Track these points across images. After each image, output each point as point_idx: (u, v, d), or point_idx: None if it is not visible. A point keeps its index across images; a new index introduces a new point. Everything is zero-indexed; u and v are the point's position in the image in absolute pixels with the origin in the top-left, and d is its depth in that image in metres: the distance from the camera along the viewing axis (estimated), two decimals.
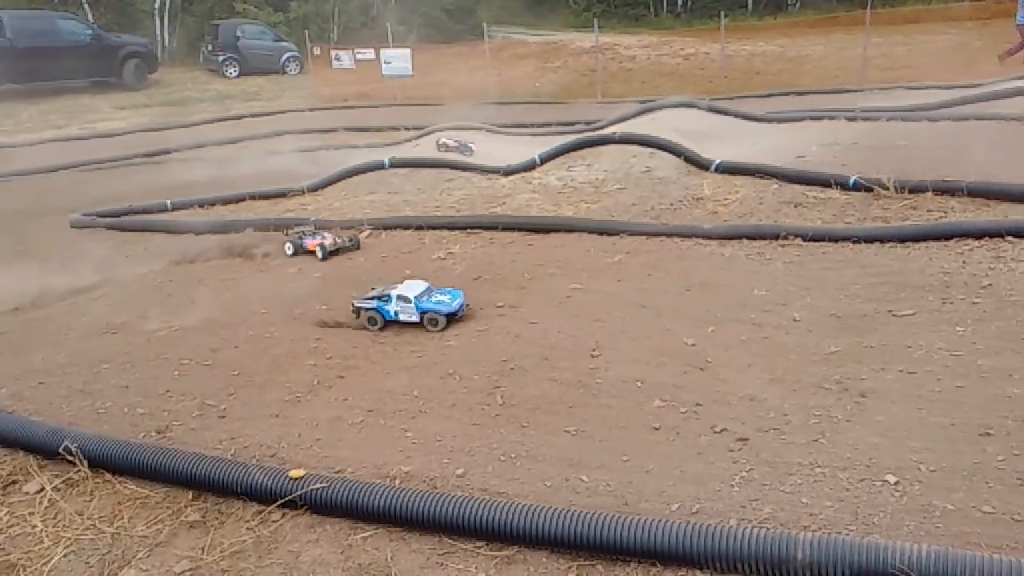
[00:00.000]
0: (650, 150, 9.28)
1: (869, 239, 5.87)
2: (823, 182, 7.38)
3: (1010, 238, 5.52)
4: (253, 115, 18.74)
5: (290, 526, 3.35)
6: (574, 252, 6.42)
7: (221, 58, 28.24)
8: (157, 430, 4.18)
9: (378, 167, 10.06)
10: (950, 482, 3.13)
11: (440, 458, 3.69)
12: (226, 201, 9.44)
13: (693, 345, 4.61)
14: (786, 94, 15.76)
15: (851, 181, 7.16)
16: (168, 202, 9.35)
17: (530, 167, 9.71)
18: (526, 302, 5.42)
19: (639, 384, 4.20)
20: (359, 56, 23.52)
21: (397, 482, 3.51)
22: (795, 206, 7.11)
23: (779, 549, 2.56)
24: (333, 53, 24.57)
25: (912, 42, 23.03)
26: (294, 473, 3.43)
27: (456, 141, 11.93)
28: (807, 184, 7.55)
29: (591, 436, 3.78)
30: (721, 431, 3.71)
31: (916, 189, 6.76)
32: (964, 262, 5.30)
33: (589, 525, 2.82)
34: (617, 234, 6.62)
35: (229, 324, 5.56)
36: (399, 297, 5.23)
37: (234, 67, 28.28)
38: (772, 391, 4.04)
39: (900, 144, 9.00)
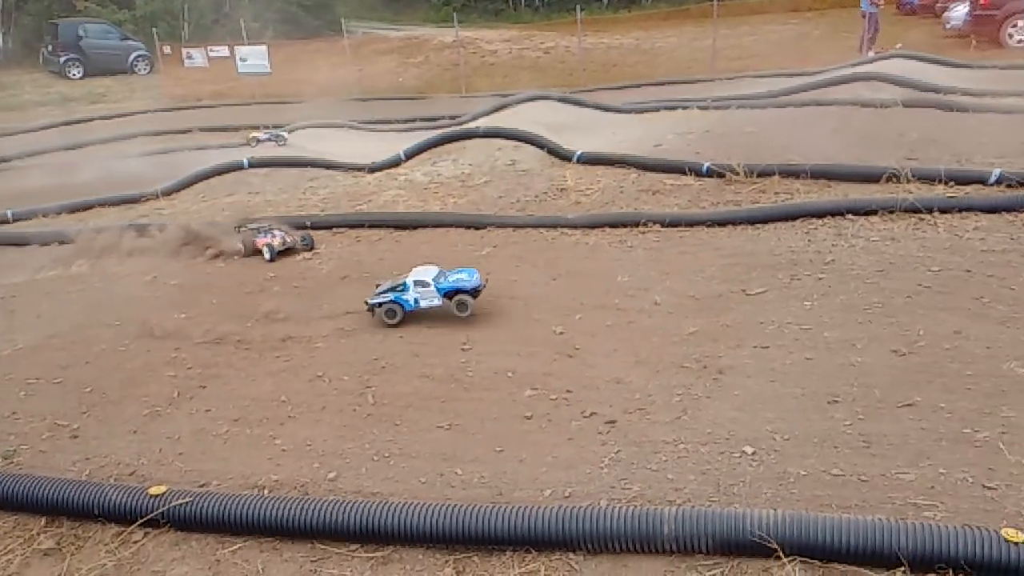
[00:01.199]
0: (514, 143, 9.38)
1: (722, 222, 6.14)
2: (679, 169, 7.66)
3: (850, 216, 5.88)
4: (101, 118, 17.75)
5: (153, 545, 3.20)
6: (442, 247, 6.41)
7: (63, 59, 26.66)
8: (3, 455, 3.90)
9: (237, 167, 9.73)
10: (802, 449, 3.31)
11: (311, 463, 3.61)
12: (73, 209, 8.90)
13: (561, 333, 4.68)
14: (643, 85, 16.25)
15: (704, 168, 7.46)
16: (9, 212, 8.73)
17: (396, 163, 9.64)
18: None
19: (510, 375, 4.24)
20: (212, 54, 22.71)
21: (266, 491, 3.41)
22: (653, 193, 7.34)
23: (646, 525, 2.64)
24: (185, 51, 23.63)
25: (758, 32, 24.19)
26: (154, 490, 3.28)
27: (267, 133, 11.80)
28: (664, 172, 7.82)
29: (464, 429, 3.79)
30: (591, 415, 3.79)
31: (764, 173, 7.12)
32: (809, 240, 5.62)
33: (462, 518, 2.83)
34: (484, 227, 6.65)
35: (80, 339, 5.25)
36: (417, 283, 4.98)
37: (77, 68, 26.76)
38: (637, 373, 4.16)
39: (749, 131, 9.43)
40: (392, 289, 5.05)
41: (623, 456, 3.42)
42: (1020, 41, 16.23)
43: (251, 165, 9.77)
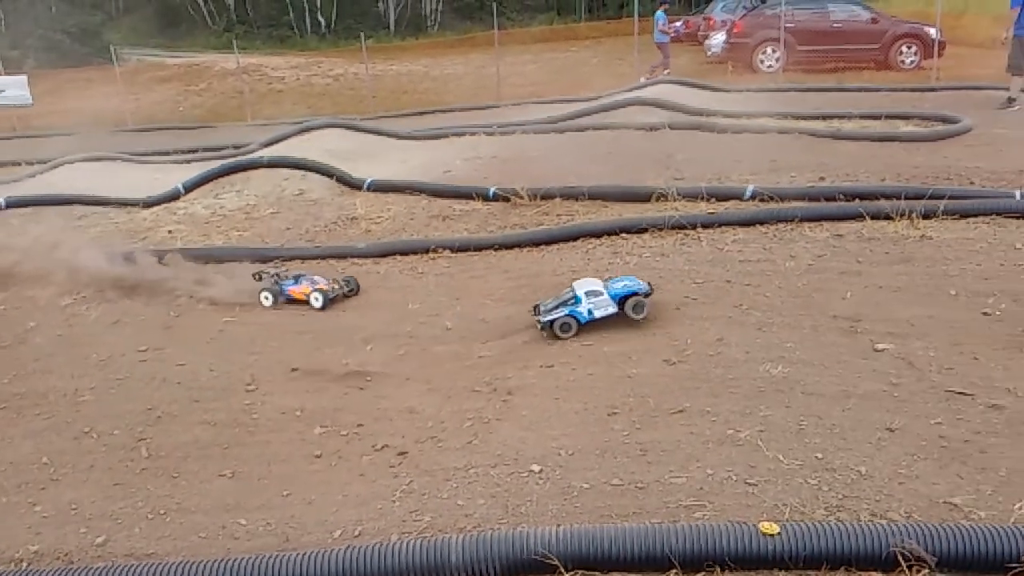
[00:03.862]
0: (302, 172, 9.19)
1: (509, 245, 6.31)
2: (467, 195, 7.81)
3: (624, 234, 6.22)
4: None
5: None
6: None
7: None
8: None
9: None
10: (585, 462, 3.43)
11: (77, 528, 3.32)
12: None
13: (352, 366, 4.61)
14: (432, 112, 16.46)
15: (491, 192, 7.65)
16: None
17: (174, 197, 9.15)
18: (172, 342, 5.07)
19: (298, 413, 4.12)
20: None
21: (24, 565, 3.10)
22: (444, 219, 7.44)
23: (434, 556, 2.63)
24: None
25: (540, 60, 25.22)
26: None
27: None
28: (453, 197, 7.95)
29: (249, 476, 3.63)
30: (382, 448, 3.75)
31: (546, 196, 7.40)
32: (589, 259, 5.89)
33: (238, 572, 2.69)
34: (270, 260, 6.44)
35: None
36: (589, 293, 4.77)
37: None
38: (430, 401, 4.17)
39: (532, 155, 9.79)
40: (563, 303, 4.85)
41: (415, 487, 3.40)
42: (770, 66, 17.92)
43: (9, 205, 8.92)
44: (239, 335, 5.15)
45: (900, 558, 2.52)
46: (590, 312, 4.78)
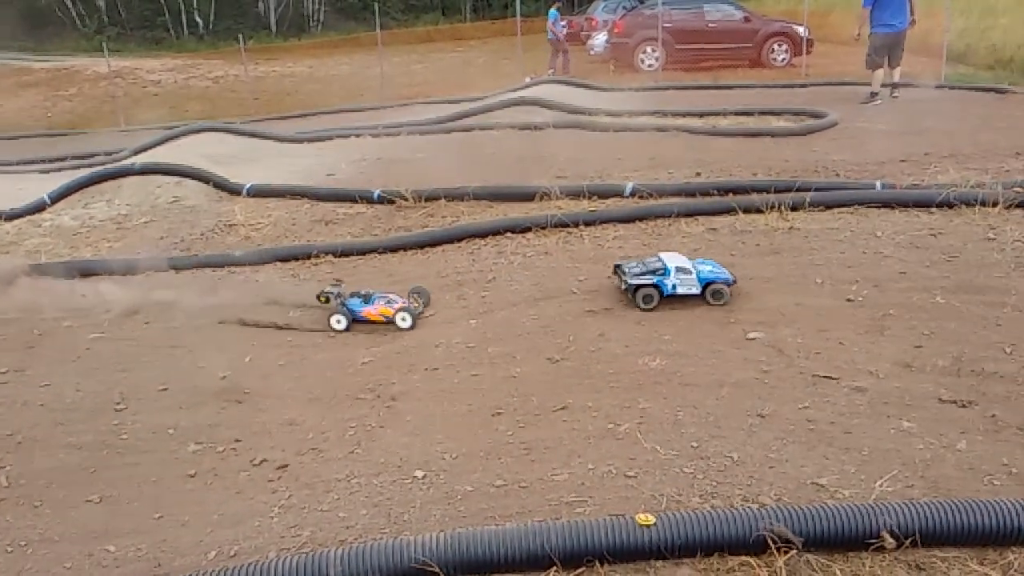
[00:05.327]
0: (177, 179, 8.84)
1: (394, 248, 6.24)
2: (350, 198, 7.69)
3: (509, 234, 6.25)
4: None
5: None
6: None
7: None
8: None
9: None
10: (470, 465, 3.42)
11: None
12: None
13: (229, 379, 4.46)
14: (317, 114, 16.15)
15: (375, 195, 7.55)
16: None
17: (39, 208, 8.64)
18: (34, 363, 4.77)
19: (172, 431, 3.95)
20: None
21: None
22: (327, 224, 7.30)
23: (311, 571, 2.56)
24: None
25: (426, 60, 25.12)
26: None
27: None
28: (337, 201, 7.81)
29: (118, 500, 3.45)
30: (261, 463, 3.64)
31: (432, 197, 7.37)
32: (474, 260, 5.89)
33: None
34: (143, 272, 6.17)
35: None
36: (679, 269, 4.73)
37: None
38: (311, 411, 4.07)
39: (419, 156, 9.74)
40: (651, 272, 4.74)
41: (294, 501, 3.31)
42: (650, 65, 18.39)
43: None
44: (107, 352, 4.90)
45: (769, 541, 2.60)
46: (674, 287, 4.79)
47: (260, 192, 8.26)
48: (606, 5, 23.60)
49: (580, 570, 2.65)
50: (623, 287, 4.87)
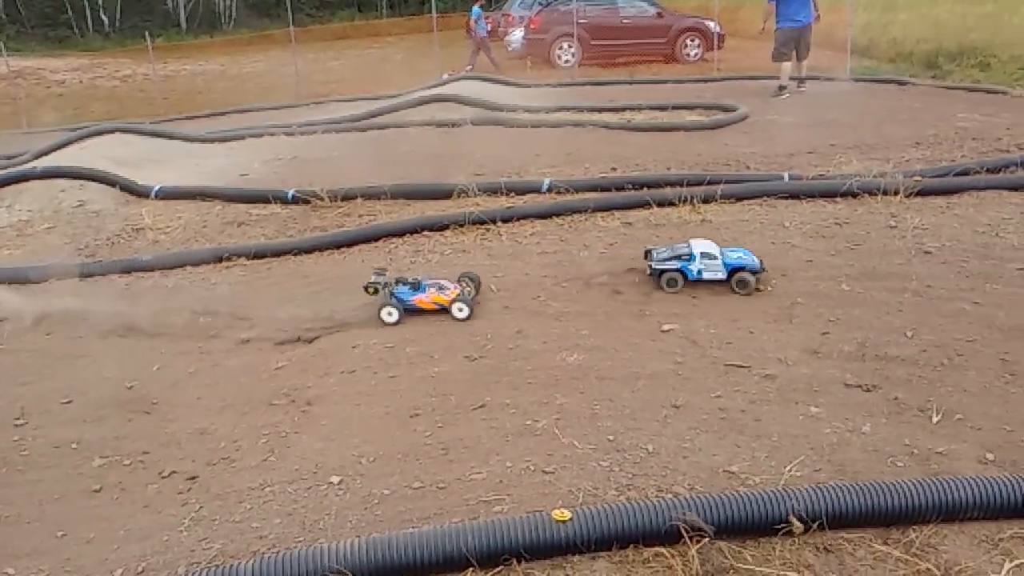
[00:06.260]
0: (81, 182, 8.50)
1: (309, 249, 6.12)
2: (264, 198, 7.52)
3: (426, 232, 6.20)
4: None
5: None
6: None
7: None
8: None
9: None
10: (387, 468, 3.38)
11: None
12: None
13: (136, 389, 4.31)
14: (230, 112, 15.75)
15: (289, 195, 7.40)
16: None
17: None
18: None
19: (75, 446, 3.79)
20: None
21: None
22: (239, 225, 7.12)
23: None
24: None
25: (343, 57, 24.80)
26: None
27: None
28: (249, 202, 7.64)
29: (18, 519, 3.29)
30: (170, 475, 3.52)
31: (348, 197, 7.26)
32: (391, 259, 5.82)
33: None
34: (37, 282, 5.89)
35: None
36: (704, 254, 4.81)
37: None
38: (223, 419, 3.96)
39: (335, 155, 9.60)
40: (677, 257, 4.83)
41: (205, 513, 3.21)
42: (567, 61, 18.51)
43: None
44: (7, 365, 4.68)
45: (682, 531, 2.64)
46: (699, 272, 4.87)
47: (169, 194, 8.02)
48: (522, 2, 23.65)
49: (498, 569, 2.64)
50: (648, 271, 4.99)
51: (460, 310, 4.74)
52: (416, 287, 4.86)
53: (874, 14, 20.19)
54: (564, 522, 2.66)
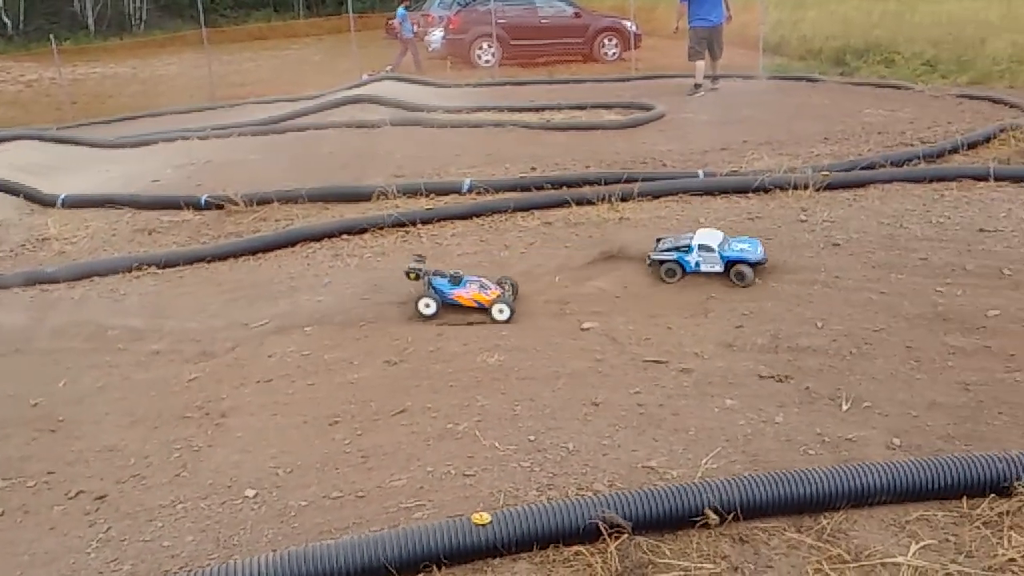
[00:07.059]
0: None
1: (223, 256, 5.97)
2: (175, 205, 7.30)
3: (345, 236, 6.11)
4: None
5: None
6: None
7: None
8: None
9: None
10: (305, 479, 3.31)
11: None
12: None
13: (41, 406, 4.13)
14: (142, 116, 15.26)
15: (202, 200, 7.21)
16: None
17: None
18: None
19: None
20: None
21: None
22: (150, 233, 6.91)
23: None
24: None
25: (259, 58, 24.32)
26: None
27: None
28: (161, 209, 7.42)
29: None
30: (77, 495, 3.37)
31: (263, 201, 7.10)
32: (309, 264, 5.72)
33: None
34: None
35: None
36: (701, 247, 4.83)
37: None
38: (133, 435, 3.82)
39: (251, 158, 9.39)
40: (676, 248, 4.89)
41: (114, 534, 3.09)
42: (487, 61, 18.52)
43: None
44: None
45: (601, 528, 2.65)
46: (697, 264, 4.91)
47: (76, 202, 7.73)
48: (441, 2, 23.55)
49: None
50: (647, 261, 5.06)
51: (500, 311, 4.63)
52: (457, 281, 4.75)
53: (784, 12, 20.78)
54: (484, 525, 2.64)
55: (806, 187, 6.44)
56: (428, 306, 4.70)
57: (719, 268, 4.89)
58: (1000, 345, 4.04)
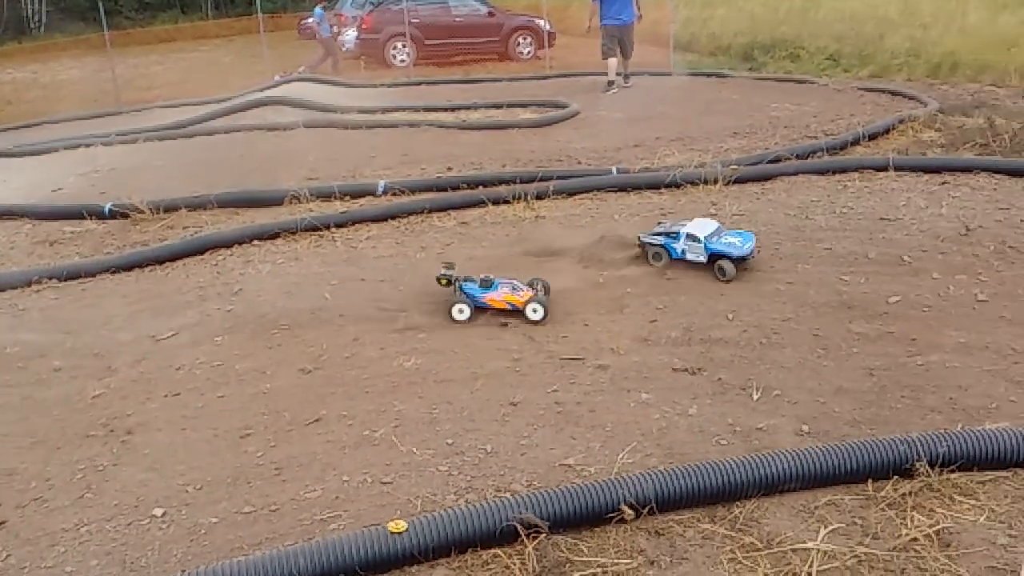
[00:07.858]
0: None
1: (128, 267, 5.76)
2: (78, 214, 7.02)
3: (256, 242, 5.97)
4: None
5: None
6: None
7: None
8: None
9: None
10: (215, 495, 3.21)
11: None
12: None
13: None
14: (42, 123, 14.61)
15: (106, 209, 6.95)
16: None
17: None
18: None
19: None
20: None
21: None
22: (51, 244, 6.63)
23: None
24: None
25: (167, 61, 23.61)
26: None
27: None
28: (62, 219, 7.11)
29: None
30: None
31: (171, 208, 6.89)
32: (218, 272, 5.56)
33: None
34: None
35: None
36: (688, 236, 4.90)
37: None
38: (33, 457, 3.64)
39: (158, 164, 9.11)
40: (667, 234, 4.98)
41: (13, 561, 2.94)
42: (402, 61, 18.37)
43: None
44: None
45: (518, 529, 2.64)
46: (683, 252, 4.97)
47: None
48: (354, 1, 23.27)
49: None
50: (637, 242, 5.14)
51: (535, 311, 4.52)
52: (488, 285, 4.63)
53: (694, 10, 21.20)
54: (400, 533, 2.61)
55: (716, 182, 6.57)
56: (462, 312, 4.60)
57: (703, 259, 4.93)
58: (902, 330, 4.19)
